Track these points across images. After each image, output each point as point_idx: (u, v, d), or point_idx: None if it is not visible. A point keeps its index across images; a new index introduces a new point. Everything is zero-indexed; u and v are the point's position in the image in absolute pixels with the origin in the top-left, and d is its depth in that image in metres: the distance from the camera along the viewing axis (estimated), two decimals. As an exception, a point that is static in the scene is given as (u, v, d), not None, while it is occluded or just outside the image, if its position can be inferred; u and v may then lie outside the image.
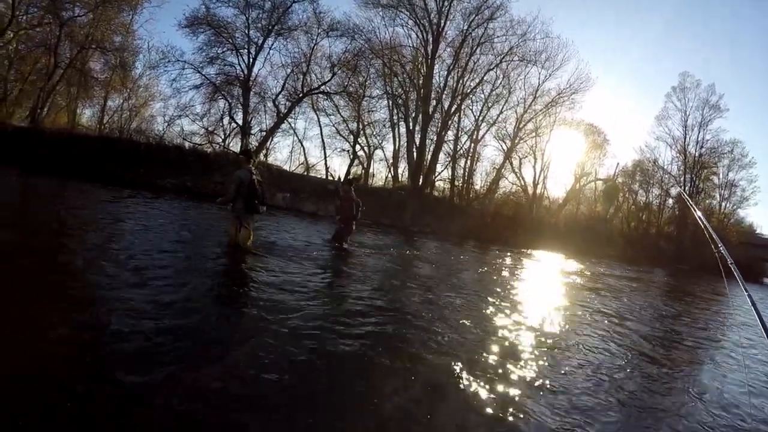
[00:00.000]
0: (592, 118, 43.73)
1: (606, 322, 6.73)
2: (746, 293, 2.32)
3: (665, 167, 36.65)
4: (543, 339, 5.05)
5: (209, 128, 24.51)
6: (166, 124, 25.10)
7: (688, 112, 36.24)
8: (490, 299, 6.79)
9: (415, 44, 26.83)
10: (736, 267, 2.59)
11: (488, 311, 6.00)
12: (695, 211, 3.35)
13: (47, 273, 4.56)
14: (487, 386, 3.43)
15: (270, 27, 23.72)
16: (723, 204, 39.77)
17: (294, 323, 4.11)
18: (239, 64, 23.85)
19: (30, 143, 19.06)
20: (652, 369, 4.79)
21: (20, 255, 4.99)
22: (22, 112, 24.93)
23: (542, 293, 8.75)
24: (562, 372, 4.09)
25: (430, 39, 25.87)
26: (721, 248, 2.72)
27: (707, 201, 38.60)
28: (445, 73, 26.46)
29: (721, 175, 38.41)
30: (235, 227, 7.02)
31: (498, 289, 7.94)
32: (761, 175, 55.14)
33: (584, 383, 3.93)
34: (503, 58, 26.51)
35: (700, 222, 3.11)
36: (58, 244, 6.05)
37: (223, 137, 24.61)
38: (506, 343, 4.63)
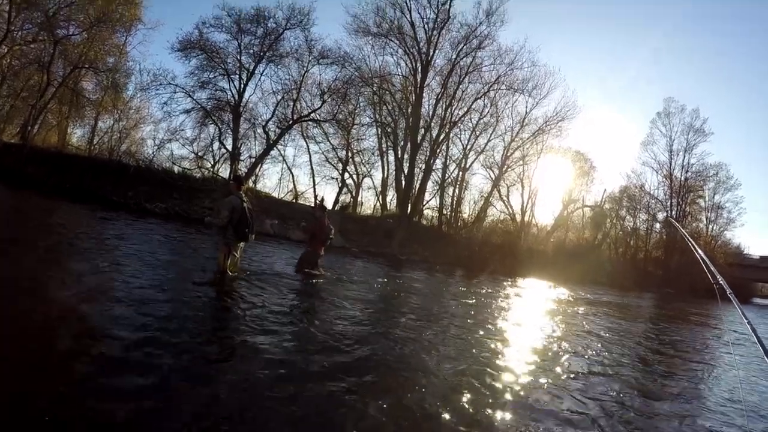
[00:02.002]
0: (579, 146, 44.01)
1: (596, 355, 6.60)
2: (746, 321, 2.38)
3: (652, 192, 37.28)
4: (530, 373, 4.98)
5: (199, 153, 24.57)
6: (156, 147, 25.06)
7: (673, 137, 37.00)
8: (476, 330, 6.72)
9: (404, 73, 27.25)
10: (735, 296, 2.66)
11: (473, 344, 5.86)
12: (689, 241, 3.45)
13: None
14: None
15: (262, 53, 23.96)
16: (710, 226, 40.33)
17: (271, 350, 4.15)
18: (230, 90, 24.06)
19: (19, 160, 19.05)
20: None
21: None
22: (12, 129, 24.87)
23: (530, 324, 8.67)
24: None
25: (419, 68, 26.23)
26: (720, 280, 2.78)
27: (694, 224, 39.04)
28: (434, 101, 26.81)
29: (707, 198, 39.07)
30: (224, 254, 6.95)
31: (484, 320, 7.88)
32: (746, 196, 55.83)
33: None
34: (491, 86, 26.89)
35: (696, 253, 3.17)
36: (35, 266, 6.02)
37: (212, 162, 24.65)
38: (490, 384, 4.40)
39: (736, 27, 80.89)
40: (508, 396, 4.02)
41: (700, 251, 3.15)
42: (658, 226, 37.51)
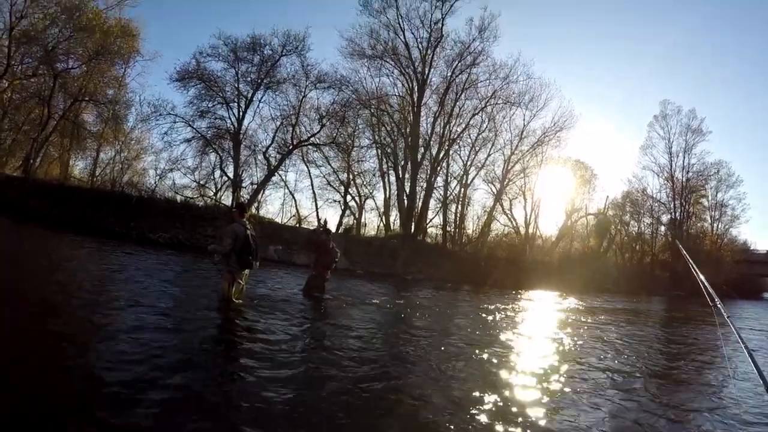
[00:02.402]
0: (578, 154, 43.93)
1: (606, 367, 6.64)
2: (743, 345, 2.35)
3: (654, 195, 37.18)
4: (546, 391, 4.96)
5: (200, 181, 24.73)
6: (158, 177, 25.18)
7: (671, 139, 37.03)
8: (486, 349, 6.65)
9: (401, 93, 27.36)
10: (732, 321, 2.70)
11: (484, 364, 5.80)
12: (691, 265, 3.50)
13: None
14: None
15: (259, 80, 24.14)
16: (715, 225, 40.29)
17: (280, 375, 4.17)
18: (229, 118, 24.22)
19: (22, 193, 19.18)
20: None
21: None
22: (14, 162, 25.06)
23: (539, 337, 8.65)
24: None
25: (416, 87, 26.32)
26: (717, 303, 2.86)
27: (699, 224, 38.95)
28: (432, 119, 26.88)
29: (710, 197, 39.17)
30: (228, 282, 6.93)
31: (494, 337, 7.87)
32: (749, 192, 55.67)
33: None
34: (487, 101, 26.94)
35: (697, 277, 3.27)
36: (46, 298, 6.14)
37: (214, 190, 24.76)
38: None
39: (733, 26, 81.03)
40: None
41: (701, 276, 3.25)
42: (662, 229, 37.39)
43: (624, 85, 71.69)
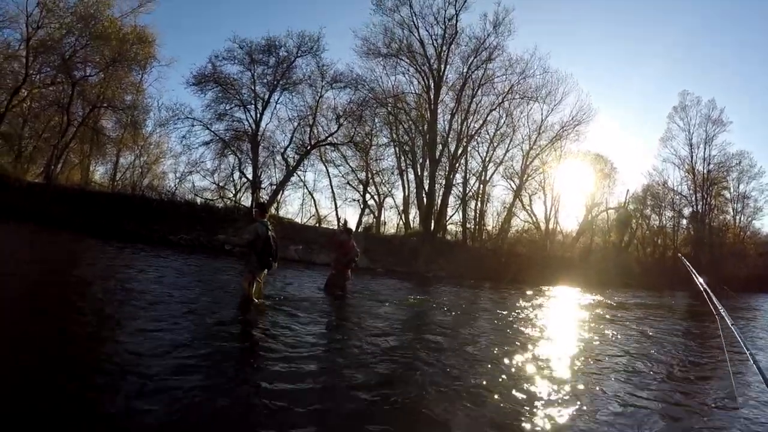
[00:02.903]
0: (598, 148, 43.48)
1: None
2: (748, 352, 2.28)
3: (675, 188, 36.33)
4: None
5: (220, 183, 24.93)
6: (178, 180, 25.53)
7: (691, 130, 36.18)
8: (513, 344, 6.69)
9: (417, 91, 27.22)
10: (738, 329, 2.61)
11: (511, 369, 5.58)
12: (693, 273, 3.58)
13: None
14: None
15: (275, 82, 24.26)
16: (737, 217, 39.23)
17: (301, 376, 4.14)
18: (247, 120, 24.38)
19: (44, 199, 19.47)
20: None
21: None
22: (36, 169, 25.44)
23: (566, 335, 8.57)
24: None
25: (432, 84, 26.20)
26: (721, 311, 2.80)
27: (721, 217, 38.15)
28: (449, 116, 26.75)
29: (732, 189, 38.05)
30: (248, 281, 6.94)
31: (519, 334, 7.79)
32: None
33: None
34: (504, 97, 26.75)
35: (699, 285, 3.30)
36: (72, 300, 6.28)
37: (233, 192, 24.97)
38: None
39: (749, 17, 79.32)
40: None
41: (703, 284, 3.29)
42: (684, 222, 36.74)
43: (642, 75, 70.53)
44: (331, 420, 3.43)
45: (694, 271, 3.56)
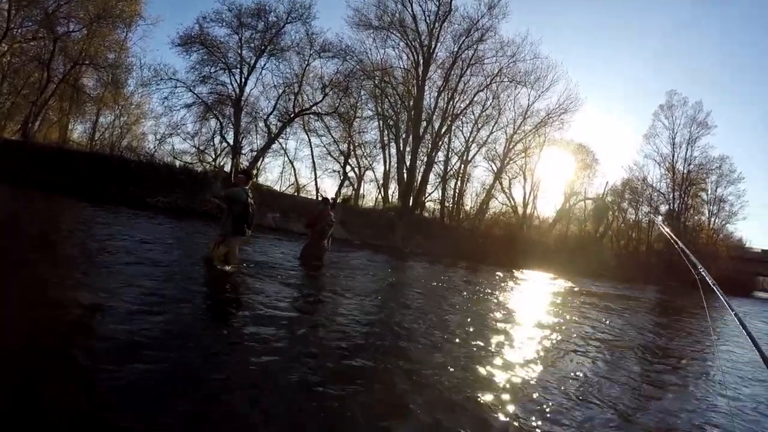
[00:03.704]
0: (581, 138, 43.93)
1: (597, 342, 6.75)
2: (733, 312, 2.25)
3: (654, 185, 37.18)
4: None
5: (200, 147, 24.59)
6: (158, 142, 25.12)
7: (675, 130, 36.93)
8: (478, 320, 6.78)
9: (406, 66, 27.21)
10: (718, 286, 2.56)
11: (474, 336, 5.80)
12: (669, 234, 3.50)
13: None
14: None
15: (263, 47, 23.88)
16: (712, 219, 40.18)
17: (273, 348, 3.95)
18: (231, 84, 23.98)
19: (20, 157, 19.01)
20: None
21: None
22: (13, 126, 24.76)
23: (534, 314, 8.66)
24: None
25: (421, 61, 26.20)
26: (701, 270, 2.70)
27: (696, 217, 39.03)
28: (436, 94, 26.77)
29: (709, 191, 38.97)
30: (216, 243, 6.86)
31: (492, 312, 7.88)
32: (749, 189, 56.01)
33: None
34: (493, 79, 26.89)
35: (675, 245, 3.15)
36: (40, 257, 5.99)
37: (213, 157, 24.66)
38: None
39: (741, 18, 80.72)
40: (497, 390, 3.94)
41: (680, 243, 3.13)
42: (660, 218, 37.52)
43: (631, 70, 71.53)
44: (297, 387, 3.27)
45: (669, 232, 3.44)
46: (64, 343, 3.27)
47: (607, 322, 9.03)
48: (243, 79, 23.89)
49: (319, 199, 13.06)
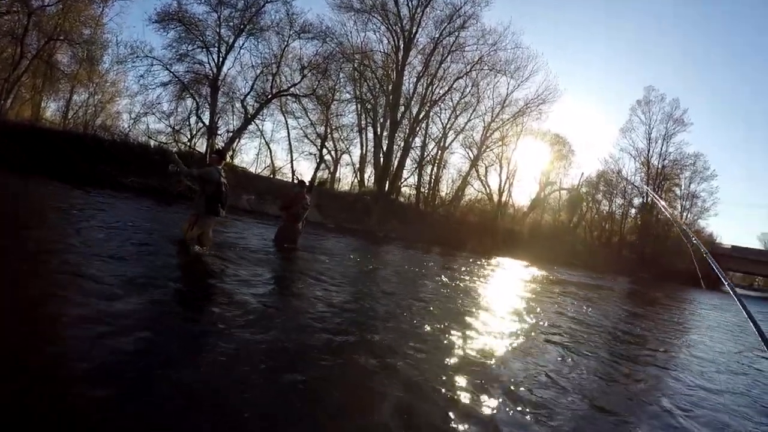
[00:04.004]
0: (558, 129, 44.72)
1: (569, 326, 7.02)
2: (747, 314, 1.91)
3: (629, 178, 37.98)
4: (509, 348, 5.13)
5: (175, 127, 24.16)
6: (132, 121, 24.58)
7: (652, 125, 37.75)
8: (454, 309, 6.79)
9: (386, 50, 27.22)
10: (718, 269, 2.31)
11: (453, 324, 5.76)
12: (667, 211, 3.40)
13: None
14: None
15: (242, 26, 23.53)
16: (684, 214, 41.02)
17: (245, 335, 3.84)
18: (209, 63, 23.58)
19: None
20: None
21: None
22: (-16, 103, 24.19)
23: (507, 300, 8.89)
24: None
25: (401, 45, 26.23)
26: (694, 239, 2.52)
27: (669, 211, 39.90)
28: (415, 79, 26.87)
29: (683, 187, 39.91)
30: (190, 224, 6.76)
31: (466, 299, 7.96)
32: (721, 186, 57.66)
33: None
34: (473, 66, 27.10)
35: (677, 225, 2.88)
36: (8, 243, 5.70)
37: (189, 137, 24.29)
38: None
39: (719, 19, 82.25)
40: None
41: (680, 222, 2.90)
42: (633, 211, 38.33)
43: (609, 65, 72.64)
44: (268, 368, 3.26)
45: (666, 208, 3.39)
46: (28, 333, 3.15)
47: (585, 309, 9.37)
48: (221, 59, 23.55)
49: (295, 181, 12.99)
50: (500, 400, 3.47)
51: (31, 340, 3.01)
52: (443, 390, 3.46)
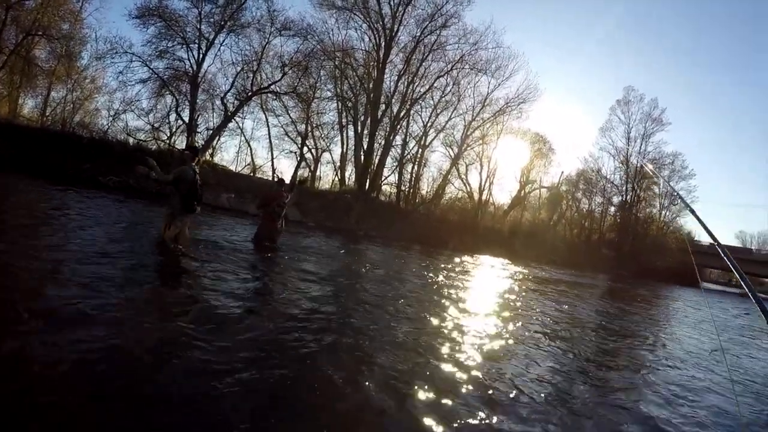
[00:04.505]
0: (538, 128, 45.13)
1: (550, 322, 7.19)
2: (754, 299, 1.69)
3: (608, 177, 38.61)
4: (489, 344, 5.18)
5: (155, 124, 23.92)
6: (111, 118, 24.20)
7: (631, 125, 38.47)
8: (435, 308, 6.81)
9: (367, 48, 27.25)
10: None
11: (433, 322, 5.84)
12: (673, 189, 3.11)
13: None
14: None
15: (222, 23, 23.47)
16: (663, 213, 41.87)
17: (224, 337, 3.76)
18: (189, 59, 23.48)
19: None
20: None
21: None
22: (-40, 99, 23.85)
23: (485, 298, 8.95)
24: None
25: (383, 43, 26.29)
26: (716, 245, 2.07)
27: (648, 209, 40.67)
28: (396, 78, 26.97)
29: (661, 185, 40.58)
30: (166, 223, 6.79)
31: (447, 297, 8.01)
32: (704, 186, 59.03)
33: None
34: (454, 65, 27.29)
35: (685, 205, 2.73)
36: None
37: (168, 134, 24.06)
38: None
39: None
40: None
41: (686, 201, 2.55)
42: (612, 209, 38.92)
43: (592, 66, 73.55)
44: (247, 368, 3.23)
45: (669, 183, 3.45)
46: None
47: (565, 307, 9.54)
48: (201, 55, 23.48)
49: (275, 180, 13.01)
50: (473, 402, 3.45)
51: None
52: (419, 393, 3.43)
